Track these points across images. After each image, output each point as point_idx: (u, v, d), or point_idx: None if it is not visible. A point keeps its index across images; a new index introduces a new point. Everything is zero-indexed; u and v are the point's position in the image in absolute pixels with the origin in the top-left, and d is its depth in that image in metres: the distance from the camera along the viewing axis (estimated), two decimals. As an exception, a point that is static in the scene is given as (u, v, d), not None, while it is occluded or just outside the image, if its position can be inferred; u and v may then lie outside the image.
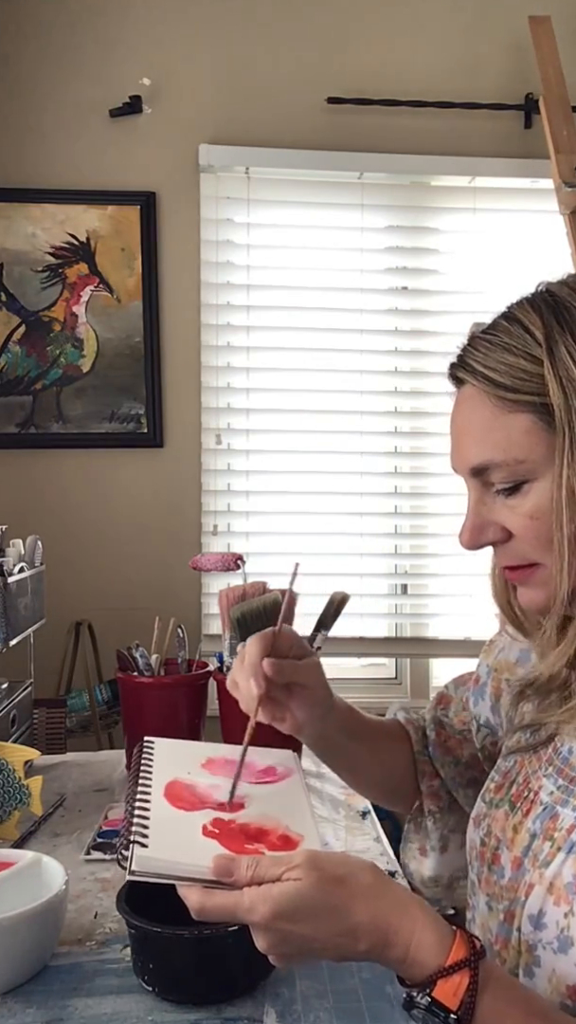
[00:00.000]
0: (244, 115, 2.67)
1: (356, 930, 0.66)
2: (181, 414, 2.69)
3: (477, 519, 0.80)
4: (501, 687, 0.99)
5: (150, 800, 0.81)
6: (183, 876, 0.70)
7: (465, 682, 1.09)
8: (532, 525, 0.76)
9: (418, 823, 1.08)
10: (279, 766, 0.92)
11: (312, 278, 2.73)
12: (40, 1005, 0.85)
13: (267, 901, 0.65)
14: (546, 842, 0.77)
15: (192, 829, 0.77)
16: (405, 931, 0.66)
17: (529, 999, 0.67)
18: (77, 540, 2.62)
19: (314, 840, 0.78)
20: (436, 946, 0.65)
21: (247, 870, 0.68)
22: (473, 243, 2.77)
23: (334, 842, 1.25)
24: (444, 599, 2.80)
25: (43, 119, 2.63)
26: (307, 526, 2.72)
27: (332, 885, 0.66)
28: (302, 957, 0.69)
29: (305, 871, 0.66)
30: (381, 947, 0.66)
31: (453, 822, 1.05)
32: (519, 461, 0.75)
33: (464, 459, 0.80)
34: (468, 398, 0.79)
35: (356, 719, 1.00)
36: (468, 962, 0.64)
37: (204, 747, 0.97)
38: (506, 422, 0.75)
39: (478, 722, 1.03)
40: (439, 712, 1.09)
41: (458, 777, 1.05)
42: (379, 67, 2.71)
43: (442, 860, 1.05)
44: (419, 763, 1.06)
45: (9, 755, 1.24)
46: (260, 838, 0.77)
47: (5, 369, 2.62)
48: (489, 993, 0.64)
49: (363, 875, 0.68)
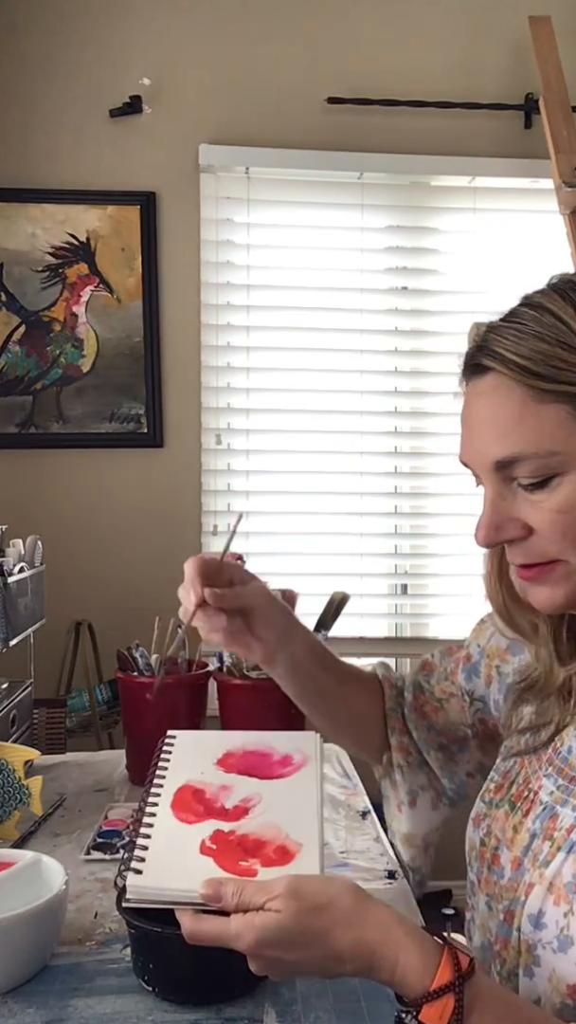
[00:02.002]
0: (244, 115, 2.67)
1: (339, 956, 0.67)
2: (181, 414, 2.69)
3: (496, 515, 0.76)
4: (492, 674, 0.99)
5: (156, 812, 0.84)
6: (175, 901, 0.74)
7: (452, 653, 1.09)
8: (559, 520, 0.73)
9: (392, 779, 1.08)
10: (296, 753, 0.92)
11: (312, 278, 2.73)
12: (40, 1005, 0.85)
13: (251, 930, 0.67)
14: (546, 842, 0.77)
15: (190, 846, 0.79)
16: (389, 956, 0.66)
17: (518, 1013, 0.67)
18: (77, 540, 2.62)
19: (313, 848, 0.79)
20: (420, 970, 0.65)
21: (233, 896, 0.70)
22: (473, 243, 2.77)
23: (334, 842, 1.24)
24: (444, 599, 2.80)
25: (43, 119, 2.63)
26: (307, 526, 2.72)
27: (311, 914, 0.67)
28: (294, 976, 0.73)
29: (285, 901, 0.67)
30: (367, 970, 0.67)
31: (423, 779, 1.06)
32: (552, 453, 0.72)
33: (486, 453, 0.76)
34: (492, 388, 0.75)
35: (325, 649, 1.02)
36: (453, 985, 0.64)
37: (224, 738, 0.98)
38: (538, 413, 0.72)
39: (471, 696, 1.03)
40: (421, 677, 1.09)
41: (430, 740, 1.06)
42: (379, 67, 2.71)
43: (412, 815, 1.05)
44: (390, 718, 1.07)
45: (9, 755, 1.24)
46: (257, 851, 0.78)
47: (5, 369, 2.62)
48: (476, 1014, 0.64)
49: (344, 900, 0.69)
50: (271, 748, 0.91)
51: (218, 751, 0.93)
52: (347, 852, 1.22)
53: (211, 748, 0.94)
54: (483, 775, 1.03)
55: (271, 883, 0.69)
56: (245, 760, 0.90)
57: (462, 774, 1.05)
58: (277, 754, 0.92)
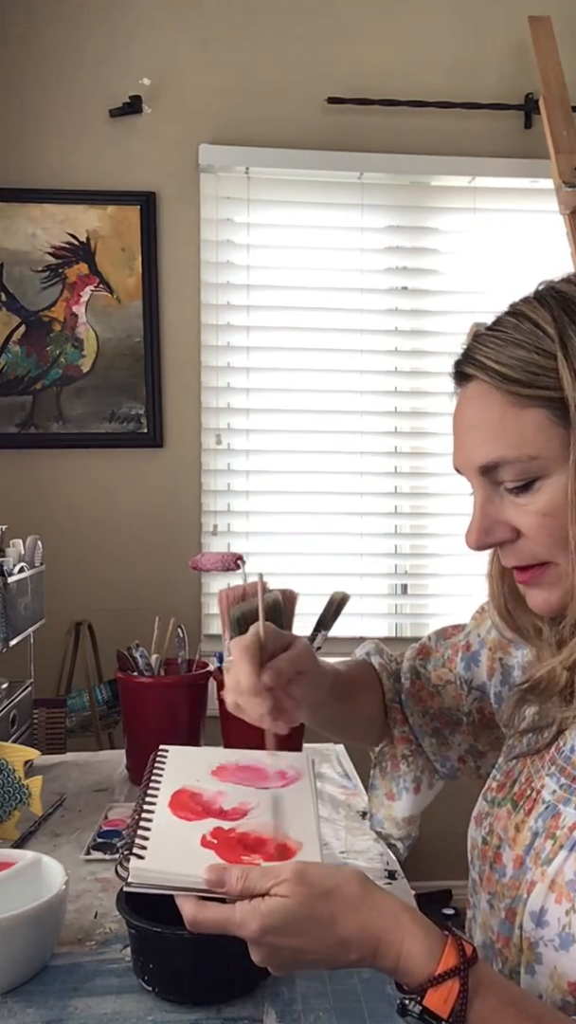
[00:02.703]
0: (244, 115, 2.67)
1: (345, 942, 0.67)
2: (181, 414, 2.69)
3: (485, 519, 0.78)
4: (495, 666, 1.00)
5: (154, 809, 0.83)
6: (178, 887, 0.72)
7: (449, 636, 1.09)
8: (544, 523, 0.75)
9: (383, 768, 1.09)
10: (290, 769, 0.92)
11: (312, 278, 2.73)
12: (40, 1005, 0.85)
13: (256, 917, 0.67)
14: (548, 840, 0.77)
15: (191, 839, 0.78)
16: (394, 941, 0.66)
17: (522, 1001, 0.67)
18: (77, 540, 2.62)
19: (313, 847, 0.78)
20: (425, 955, 0.66)
21: (237, 881, 0.69)
22: (473, 243, 2.77)
23: (334, 842, 1.24)
24: (444, 599, 2.80)
25: (43, 119, 2.63)
26: (307, 526, 2.72)
27: (318, 900, 0.67)
28: (296, 967, 0.71)
29: (291, 886, 0.67)
30: (371, 957, 0.67)
31: (422, 763, 1.07)
32: (532, 457, 0.74)
33: (472, 458, 0.78)
34: (476, 395, 0.78)
35: (338, 680, 0.99)
36: (458, 970, 0.64)
37: (217, 754, 0.97)
38: (518, 417, 0.74)
39: (469, 685, 1.03)
40: (417, 662, 1.09)
41: (425, 726, 1.06)
42: (379, 67, 2.71)
43: (415, 800, 1.06)
44: (391, 710, 1.07)
45: (9, 755, 1.24)
46: (258, 848, 0.78)
47: (5, 369, 2.62)
48: (480, 999, 0.64)
49: (351, 887, 0.69)
50: (264, 764, 0.91)
51: (212, 763, 0.93)
52: (347, 852, 1.22)
53: (205, 760, 0.94)
54: (474, 760, 1.05)
55: (277, 868, 0.69)
56: (239, 772, 0.90)
57: (454, 759, 1.06)
58: (271, 769, 0.92)
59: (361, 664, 1.10)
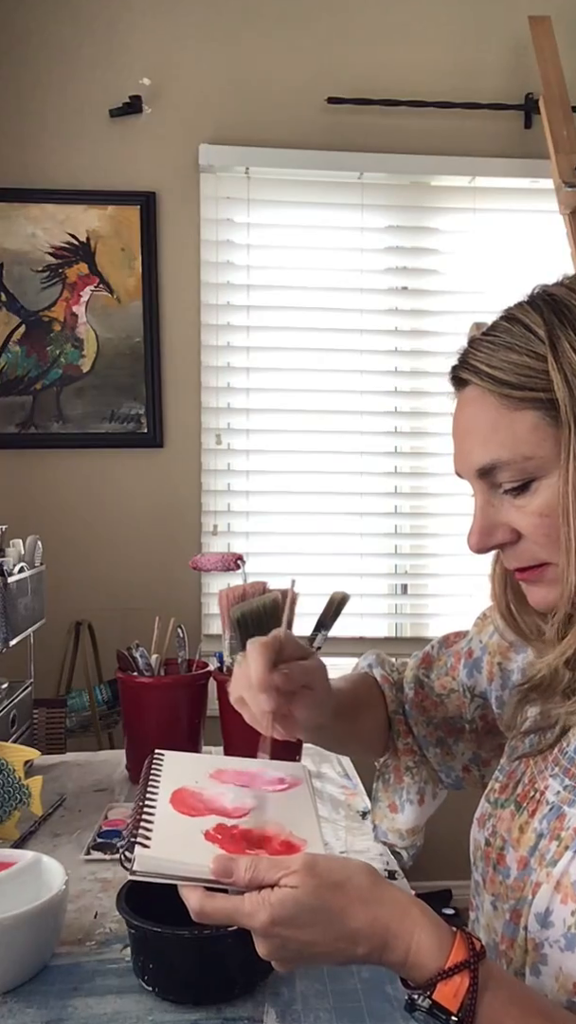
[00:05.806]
0: (244, 115, 2.67)
1: (355, 935, 0.66)
2: (181, 414, 2.69)
3: (485, 521, 0.79)
4: (494, 671, 1.00)
5: (155, 805, 0.82)
6: (184, 876, 0.71)
7: (451, 644, 1.09)
8: (542, 523, 0.76)
9: (386, 781, 1.08)
10: (288, 777, 0.92)
11: (312, 278, 2.73)
12: (40, 1005, 0.85)
13: (266, 907, 0.66)
14: (553, 841, 0.77)
15: (194, 833, 0.77)
16: (404, 934, 0.66)
17: (530, 998, 0.67)
18: (77, 540, 2.62)
19: (317, 845, 0.78)
20: (435, 949, 0.65)
21: (246, 871, 0.68)
22: (473, 243, 2.77)
23: (334, 842, 1.24)
24: (444, 599, 2.80)
25: (43, 119, 2.63)
26: (307, 526, 2.72)
27: (329, 891, 0.66)
28: (303, 961, 0.70)
29: (302, 877, 0.66)
30: (380, 951, 0.66)
31: (426, 774, 1.07)
32: (527, 458, 0.75)
33: (470, 461, 0.79)
34: (472, 399, 0.79)
35: (342, 701, 0.98)
36: (468, 964, 0.64)
37: (213, 759, 0.97)
38: (512, 420, 0.76)
39: (472, 692, 1.03)
40: (421, 672, 1.09)
41: (429, 736, 1.06)
42: (379, 67, 2.71)
43: (419, 811, 1.06)
44: (394, 721, 1.07)
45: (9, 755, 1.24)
46: (262, 844, 0.77)
47: (5, 369, 2.62)
48: (490, 993, 0.64)
49: (361, 879, 0.68)
50: (261, 773, 0.91)
51: (210, 768, 0.92)
52: (347, 852, 1.21)
53: (202, 764, 0.93)
54: (478, 768, 1.05)
55: (286, 859, 0.69)
56: (238, 776, 0.90)
57: (458, 769, 1.06)
58: (269, 775, 0.91)
59: (363, 678, 1.10)
